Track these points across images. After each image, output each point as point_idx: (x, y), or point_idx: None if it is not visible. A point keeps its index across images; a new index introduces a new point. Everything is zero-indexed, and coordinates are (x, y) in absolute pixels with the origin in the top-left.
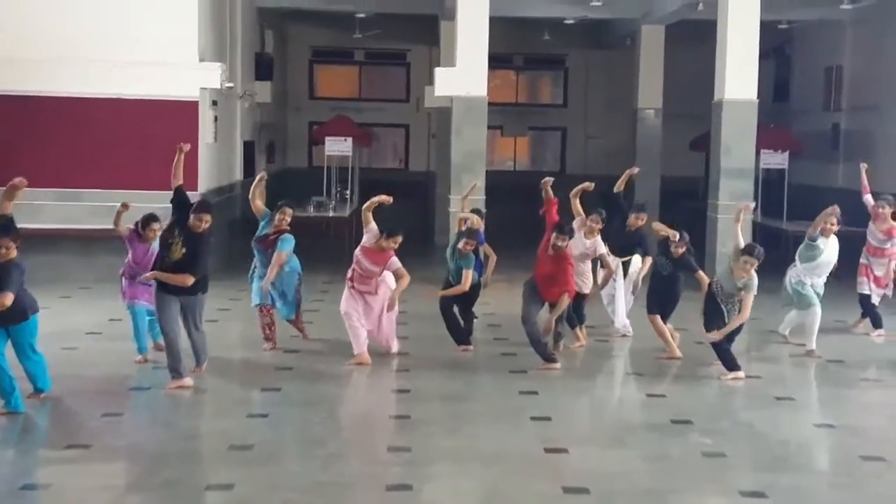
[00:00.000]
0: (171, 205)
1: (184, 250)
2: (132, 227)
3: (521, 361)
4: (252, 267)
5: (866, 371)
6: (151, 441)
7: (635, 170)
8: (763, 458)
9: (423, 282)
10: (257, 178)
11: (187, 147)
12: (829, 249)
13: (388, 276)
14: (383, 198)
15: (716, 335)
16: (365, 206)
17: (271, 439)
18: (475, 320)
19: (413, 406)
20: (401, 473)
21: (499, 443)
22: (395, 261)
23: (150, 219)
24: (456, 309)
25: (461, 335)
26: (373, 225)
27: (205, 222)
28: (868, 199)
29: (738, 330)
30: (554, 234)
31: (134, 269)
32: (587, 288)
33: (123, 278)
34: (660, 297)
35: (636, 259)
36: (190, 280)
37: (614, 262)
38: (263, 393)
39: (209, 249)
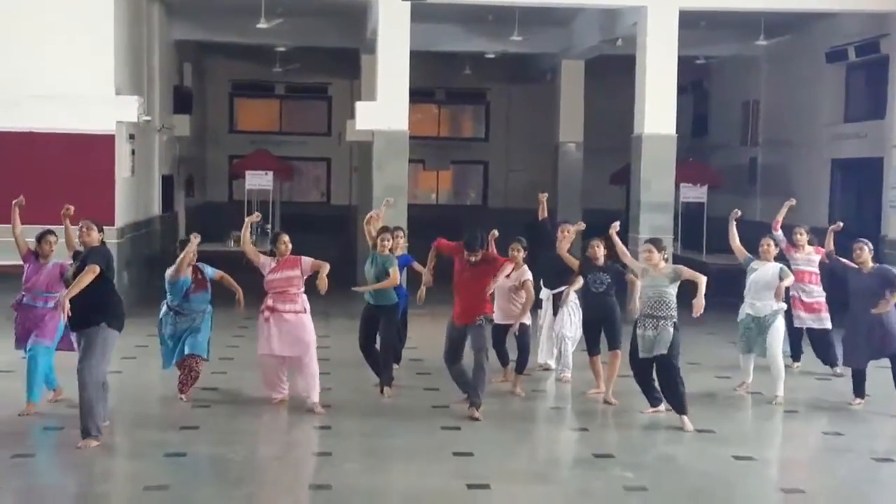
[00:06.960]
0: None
1: (78, 265)
2: (31, 248)
3: (444, 397)
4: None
5: (785, 403)
6: (63, 483)
7: (545, 195)
8: (684, 491)
9: (346, 317)
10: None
11: (71, 210)
12: (763, 271)
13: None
14: (251, 219)
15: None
16: (244, 242)
17: (188, 479)
18: (396, 367)
19: (334, 443)
20: None
21: (420, 479)
22: (306, 259)
23: (45, 232)
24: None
25: (386, 377)
26: (263, 258)
27: (91, 230)
28: (780, 234)
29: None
30: (465, 254)
31: (27, 296)
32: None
33: (16, 321)
34: (596, 323)
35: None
36: (95, 269)
37: (545, 293)
38: (181, 431)
39: (104, 257)
